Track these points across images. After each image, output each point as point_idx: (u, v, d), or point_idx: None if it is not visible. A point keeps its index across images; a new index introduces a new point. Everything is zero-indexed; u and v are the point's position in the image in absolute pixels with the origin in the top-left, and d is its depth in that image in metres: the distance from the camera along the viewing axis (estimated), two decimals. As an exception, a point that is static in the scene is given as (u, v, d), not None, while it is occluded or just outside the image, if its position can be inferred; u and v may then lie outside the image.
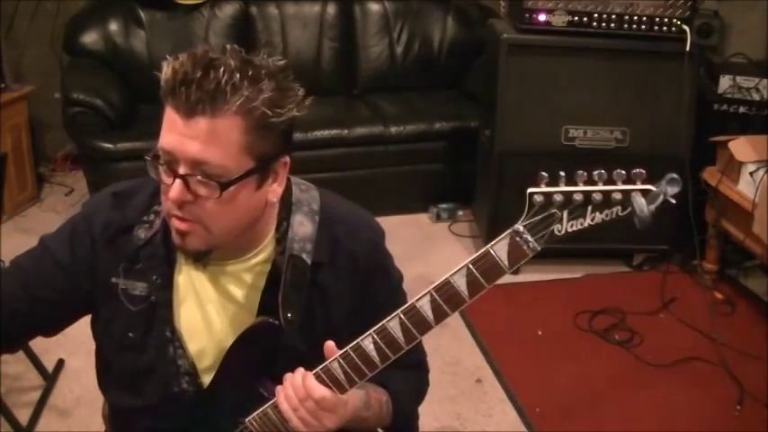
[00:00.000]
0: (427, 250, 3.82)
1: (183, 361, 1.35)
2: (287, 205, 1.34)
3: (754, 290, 3.48)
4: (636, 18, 3.30)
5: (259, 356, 1.33)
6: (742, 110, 3.50)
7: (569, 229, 1.14)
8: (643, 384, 2.86)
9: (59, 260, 1.34)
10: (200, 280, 1.34)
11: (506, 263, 1.15)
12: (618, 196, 1.12)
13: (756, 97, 3.47)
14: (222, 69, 1.13)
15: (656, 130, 3.41)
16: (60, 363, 2.86)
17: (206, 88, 1.12)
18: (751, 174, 3.12)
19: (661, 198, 1.12)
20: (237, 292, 1.34)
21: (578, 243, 3.48)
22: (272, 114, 1.16)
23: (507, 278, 3.91)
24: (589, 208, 1.13)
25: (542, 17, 3.30)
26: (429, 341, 1.54)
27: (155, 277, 1.33)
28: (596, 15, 3.30)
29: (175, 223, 1.21)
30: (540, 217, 1.13)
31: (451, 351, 3.03)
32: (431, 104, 4.29)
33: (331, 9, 4.46)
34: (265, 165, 1.21)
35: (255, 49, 1.25)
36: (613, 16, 3.31)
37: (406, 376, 1.46)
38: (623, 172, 1.13)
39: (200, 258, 1.27)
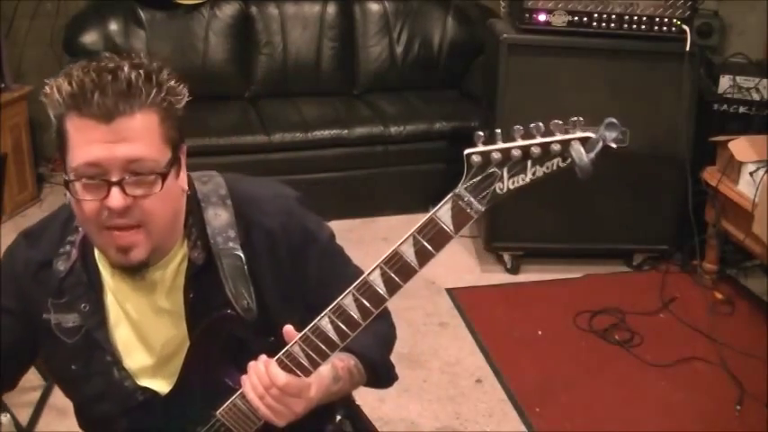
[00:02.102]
0: (427, 250, 3.82)
1: (129, 382, 1.36)
2: (195, 202, 1.34)
3: (754, 290, 3.48)
4: (636, 18, 3.30)
5: (220, 349, 1.33)
6: (742, 110, 3.50)
7: (511, 186, 1.12)
8: (643, 384, 2.86)
9: (3, 306, 1.35)
10: (126, 297, 1.34)
11: (452, 227, 1.14)
12: (557, 147, 1.10)
13: (756, 97, 3.47)
14: (126, 69, 1.16)
15: (656, 130, 3.41)
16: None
17: (120, 88, 1.14)
18: (751, 174, 3.12)
19: (600, 144, 1.10)
20: (162, 298, 1.34)
21: (578, 243, 3.55)
22: (175, 102, 1.21)
23: (507, 278, 3.91)
24: (528, 162, 1.11)
25: (542, 17, 3.30)
26: (429, 341, 1.53)
27: (83, 305, 1.33)
28: (596, 15, 3.30)
29: (117, 240, 1.20)
30: (479, 177, 1.11)
31: (451, 351, 3.03)
32: (431, 104, 4.28)
33: (331, 9, 4.45)
34: (176, 152, 1.24)
35: (256, 49, 1.26)
36: (613, 16, 3.30)
37: (369, 330, 1.42)
38: (560, 122, 1.11)
39: (141, 269, 1.26)
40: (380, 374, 1.48)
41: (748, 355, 2.96)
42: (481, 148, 1.11)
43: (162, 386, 1.37)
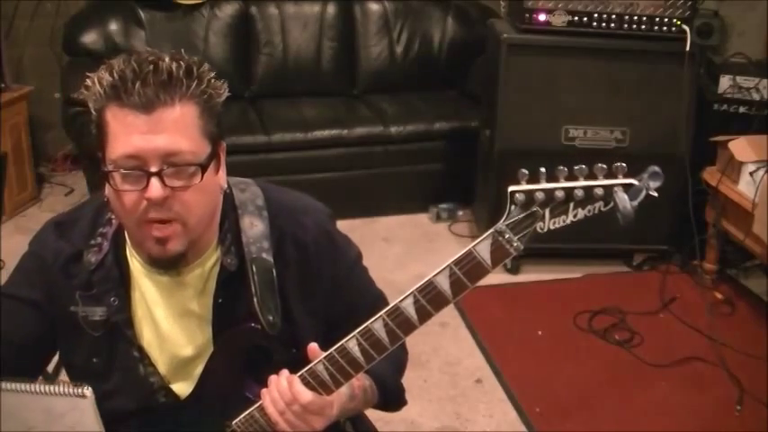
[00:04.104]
0: (427, 250, 3.82)
1: (155, 378, 1.35)
2: (231, 207, 1.34)
3: (754, 290, 3.48)
4: (636, 18, 3.30)
5: (241, 359, 1.33)
6: (742, 110, 3.50)
7: (552, 227, 1.14)
8: (643, 384, 2.86)
9: (26, 298, 1.34)
10: (154, 295, 1.33)
11: (489, 262, 1.14)
12: (600, 192, 1.10)
13: (756, 97, 3.47)
14: (166, 61, 1.16)
15: (656, 130, 3.41)
16: (61, 363, 2.86)
17: (161, 79, 1.14)
18: (751, 174, 3.12)
19: (643, 193, 1.11)
20: (192, 301, 1.33)
21: (578, 243, 3.55)
22: (215, 95, 1.21)
23: (507, 278, 3.90)
24: (571, 204, 1.12)
25: (542, 17, 3.30)
26: (429, 341, 1.54)
27: (112, 299, 1.32)
28: (596, 15, 3.30)
29: (155, 232, 1.20)
30: (522, 216, 1.12)
31: (451, 351, 3.03)
32: (431, 104, 4.28)
33: (331, 9, 4.45)
34: (216, 148, 1.23)
35: (256, 49, 1.26)
36: (613, 16, 3.31)
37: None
38: (604, 166, 1.11)
39: (178, 263, 1.26)
40: (391, 398, 1.49)
41: (748, 355, 2.96)
42: (525, 186, 1.11)
43: (179, 390, 1.37)
